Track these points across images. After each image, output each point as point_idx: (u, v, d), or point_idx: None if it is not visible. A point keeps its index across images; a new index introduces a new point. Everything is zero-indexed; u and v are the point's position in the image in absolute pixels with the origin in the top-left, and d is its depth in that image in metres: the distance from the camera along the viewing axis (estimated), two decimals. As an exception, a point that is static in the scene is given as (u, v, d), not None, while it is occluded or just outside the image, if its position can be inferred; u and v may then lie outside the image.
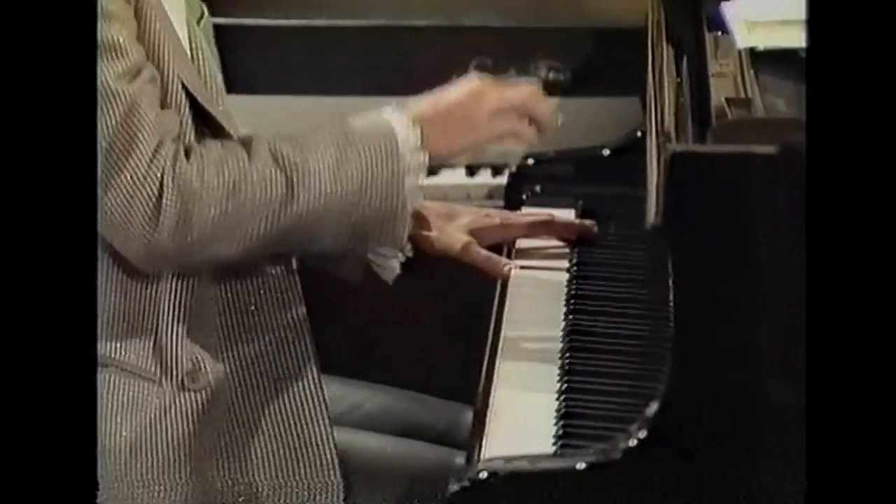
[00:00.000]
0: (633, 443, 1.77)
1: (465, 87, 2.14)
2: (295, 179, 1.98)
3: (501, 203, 2.63)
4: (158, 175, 1.93)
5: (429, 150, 2.04)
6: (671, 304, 1.83)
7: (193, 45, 2.13)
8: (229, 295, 2.06)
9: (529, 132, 2.15)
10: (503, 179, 2.71)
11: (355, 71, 2.86)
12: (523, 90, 2.17)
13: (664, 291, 1.84)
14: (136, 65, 1.96)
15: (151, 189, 1.93)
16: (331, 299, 2.17)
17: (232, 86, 2.30)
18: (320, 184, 1.99)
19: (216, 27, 2.33)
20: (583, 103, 2.73)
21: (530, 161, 2.62)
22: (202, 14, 2.17)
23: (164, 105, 1.98)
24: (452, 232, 2.31)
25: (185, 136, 1.99)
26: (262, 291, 2.08)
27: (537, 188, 2.59)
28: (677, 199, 1.80)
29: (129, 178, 1.93)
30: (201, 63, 2.13)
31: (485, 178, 2.84)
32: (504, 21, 2.88)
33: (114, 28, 1.94)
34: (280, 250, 2.05)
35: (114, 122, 1.93)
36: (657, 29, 2.37)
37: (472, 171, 2.86)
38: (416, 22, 2.88)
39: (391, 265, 2.16)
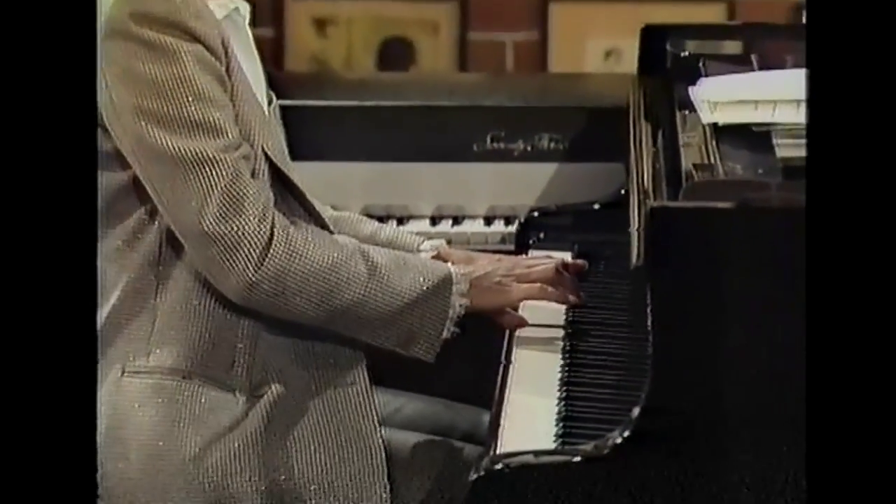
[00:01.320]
0: (619, 440, 1.77)
1: (505, 263, 2.15)
2: (374, 273, 1.97)
3: (512, 247, 2.62)
4: (268, 230, 1.91)
5: (470, 303, 2.03)
6: (650, 327, 1.82)
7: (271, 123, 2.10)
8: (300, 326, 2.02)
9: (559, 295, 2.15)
10: (514, 228, 2.70)
11: (396, 141, 2.84)
12: (547, 267, 2.16)
13: (644, 317, 1.83)
14: (234, 141, 1.93)
15: (260, 241, 1.90)
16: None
17: (295, 154, 2.30)
18: (392, 286, 1.98)
19: (284, 107, 2.33)
20: (577, 167, 2.72)
21: (536, 213, 2.61)
22: (271, 100, 2.15)
23: (253, 175, 1.95)
24: None
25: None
26: None
27: (541, 235, 2.58)
28: (655, 245, 1.81)
29: (236, 230, 1.90)
30: (279, 137, 2.11)
31: (499, 227, 2.80)
32: (514, 102, 2.87)
33: (213, 110, 1.91)
34: (336, 327, 2.01)
35: (220, 185, 1.89)
36: (638, 108, 2.37)
37: (488, 221, 2.82)
38: (445, 103, 2.87)
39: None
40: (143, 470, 1.98)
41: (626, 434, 1.77)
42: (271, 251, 1.91)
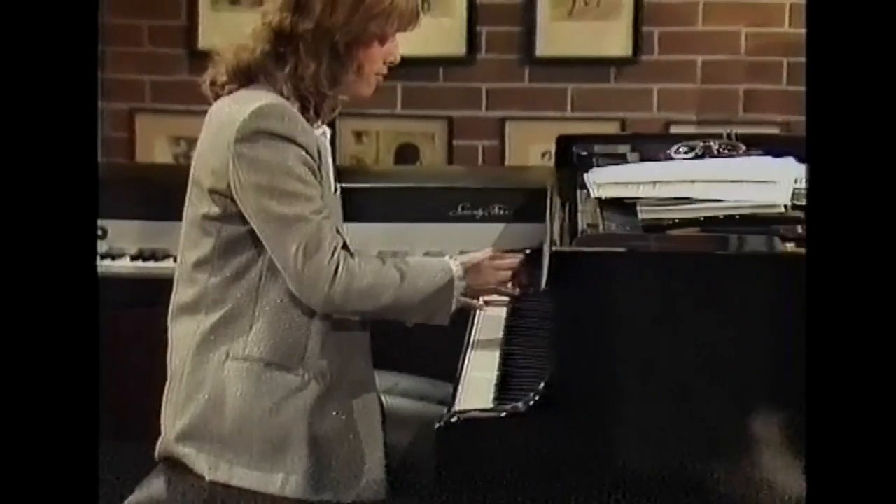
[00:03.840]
0: (530, 403, 1.78)
1: (486, 253, 2.10)
2: (405, 280, 1.95)
3: None
4: (337, 262, 1.89)
5: (465, 283, 2.01)
6: (553, 328, 1.85)
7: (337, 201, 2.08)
8: (341, 330, 2.00)
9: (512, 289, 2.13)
10: None
11: (404, 209, 2.79)
12: (515, 261, 2.13)
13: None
14: (319, 207, 1.90)
15: (332, 268, 1.88)
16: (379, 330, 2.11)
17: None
18: (416, 285, 1.96)
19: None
20: (517, 226, 2.68)
21: None
22: (337, 188, 2.09)
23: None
24: None
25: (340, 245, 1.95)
26: (353, 329, 2.01)
27: None
28: (555, 275, 1.83)
29: (318, 261, 1.88)
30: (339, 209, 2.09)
31: None
32: (478, 185, 2.84)
33: (307, 188, 1.89)
34: (386, 316, 1.99)
35: (309, 236, 1.87)
36: (554, 189, 2.36)
37: None
38: (433, 185, 2.85)
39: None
40: (234, 424, 1.94)
41: (534, 400, 1.77)
42: (338, 275, 1.89)
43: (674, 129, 3.33)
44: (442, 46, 3.46)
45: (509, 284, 2.12)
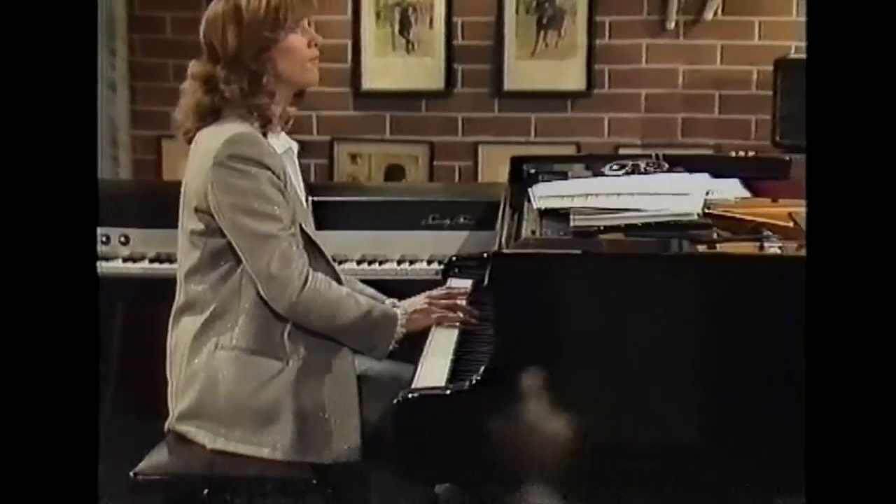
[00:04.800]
0: (474, 382, 1.77)
1: (423, 297, 2.09)
2: (359, 312, 1.94)
3: (440, 277, 2.54)
4: (304, 278, 1.89)
5: (407, 328, 2.00)
6: (493, 320, 1.84)
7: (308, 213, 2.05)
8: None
9: (458, 318, 2.08)
10: (442, 267, 2.59)
11: (387, 218, 2.78)
12: (454, 294, 2.11)
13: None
14: (287, 225, 1.89)
15: (299, 283, 1.89)
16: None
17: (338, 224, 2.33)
18: (365, 321, 1.95)
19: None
20: (477, 233, 2.67)
21: (454, 258, 2.56)
22: (309, 201, 2.09)
23: (297, 246, 1.92)
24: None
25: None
26: None
27: (457, 270, 2.51)
28: (494, 273, 1.83)
29: (286, 276, 1.88)
30: (311, 221, 2.05)
31: (434, 266, 2.67)
32: (446, 198, 2.82)
33: (276, 208, 1.89)
34: (333, 335, 1.97)
35: (279, 251, 1.87)
36: (506, 201, 2.35)
37: (430, 262, 2.72)
38: (402, 198, 2.82)
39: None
40: (226, 403, 1.95)
41: (476, 380, 1.77)
42: (304, 290, 1.89)
43: (622, 151, 3.33)
44: (424, 82, 3.47)
45: (460, 312, 2.09)
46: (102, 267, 2.60)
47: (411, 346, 2.09)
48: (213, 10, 1.95)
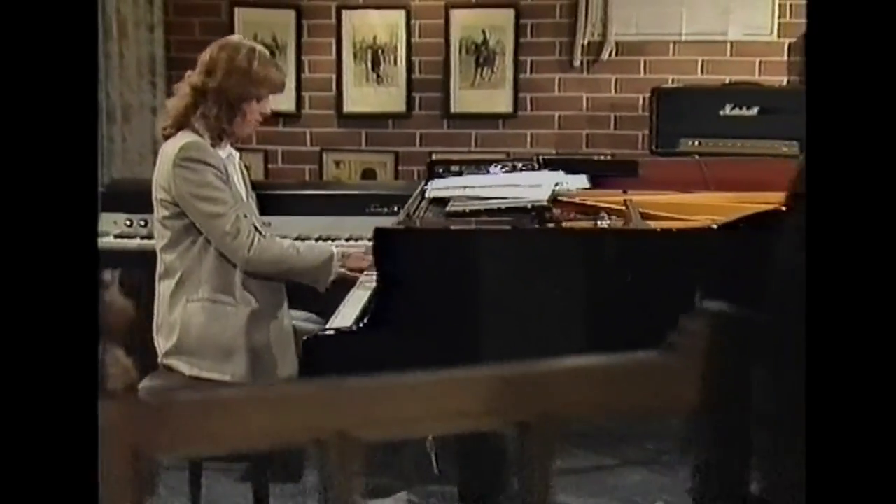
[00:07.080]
0: (362, 325, 1.77)
1: (357, 249, 2.10)
2: (299, 254, 1.94)
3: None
4: (251, 239, 1.90)
5: (341, 264, 1.99)
6: (377, 283, 1.80)
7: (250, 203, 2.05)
8: (260, 278, 1.97)
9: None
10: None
11: (329, 206, 2.74)
12: (364, 254, 2.07)
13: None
14: (234, 206, 1.91)
15: (248, 242, 1.90)
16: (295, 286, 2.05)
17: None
18: (306, 259, 1.95)
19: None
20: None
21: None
22: (249, 195, 2.08)
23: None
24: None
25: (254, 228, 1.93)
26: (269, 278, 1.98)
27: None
28: (379, 244, 1.79)
29: (241, 241, 1.90)
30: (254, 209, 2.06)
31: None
32: (385, 191, 2.81)
33: (222, 194, 1.90)
34: (286, 277, 1.97)
35: (229, 223, 1.89)
36: (417, 194, 2.27)
37: (370, 240, 2.46)
38: (352, 192, 2.81)
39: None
40: (198, 342, 1.95)
41: (364, 322, 1.77)
42: (252, 247, 1.91)
43: (542, 159, 3.25)
44: (390, 106, 3.47)
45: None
46: (128, 243, 2.68)
47: (330, 303, 2.04)
48: (220, 53, 1.97)
